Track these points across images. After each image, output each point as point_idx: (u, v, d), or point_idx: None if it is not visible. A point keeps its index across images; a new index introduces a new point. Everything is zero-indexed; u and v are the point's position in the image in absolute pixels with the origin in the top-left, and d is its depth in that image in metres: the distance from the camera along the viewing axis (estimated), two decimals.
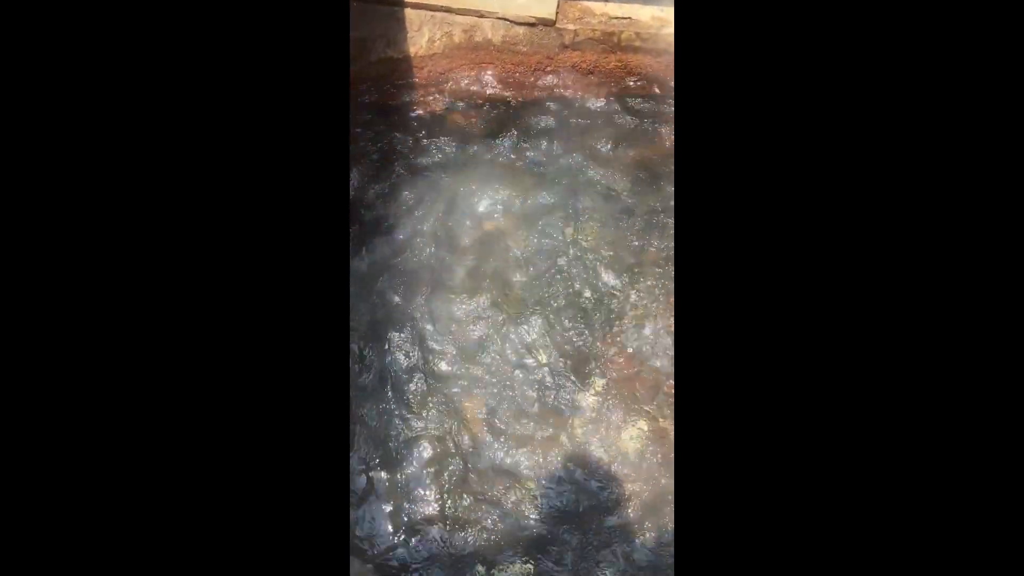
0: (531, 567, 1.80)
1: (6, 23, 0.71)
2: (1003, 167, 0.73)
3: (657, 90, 2.62)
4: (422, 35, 2.50)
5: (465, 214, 2.31)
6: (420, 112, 2.55)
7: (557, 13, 2.46)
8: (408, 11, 2.48)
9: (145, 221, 0.75)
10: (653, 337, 2.12)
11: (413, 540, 1.83)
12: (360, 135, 2.46)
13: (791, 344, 0.78)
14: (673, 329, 2.11)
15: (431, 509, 1.86)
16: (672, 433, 1.94)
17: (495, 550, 1.80)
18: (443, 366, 2.07)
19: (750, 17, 0.81)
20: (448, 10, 2.49)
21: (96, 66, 0.74)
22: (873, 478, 0.74)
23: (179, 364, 0.75)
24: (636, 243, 2.27)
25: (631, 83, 2.58)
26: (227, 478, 0.76)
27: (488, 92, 2.58)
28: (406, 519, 1.85)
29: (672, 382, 2.01)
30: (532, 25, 2.48)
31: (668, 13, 2.45)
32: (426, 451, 1.94)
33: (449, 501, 1.87)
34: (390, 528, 1.84)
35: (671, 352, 2.08)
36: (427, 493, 1.89)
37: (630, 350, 2.09)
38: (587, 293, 2.20)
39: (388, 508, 1.87)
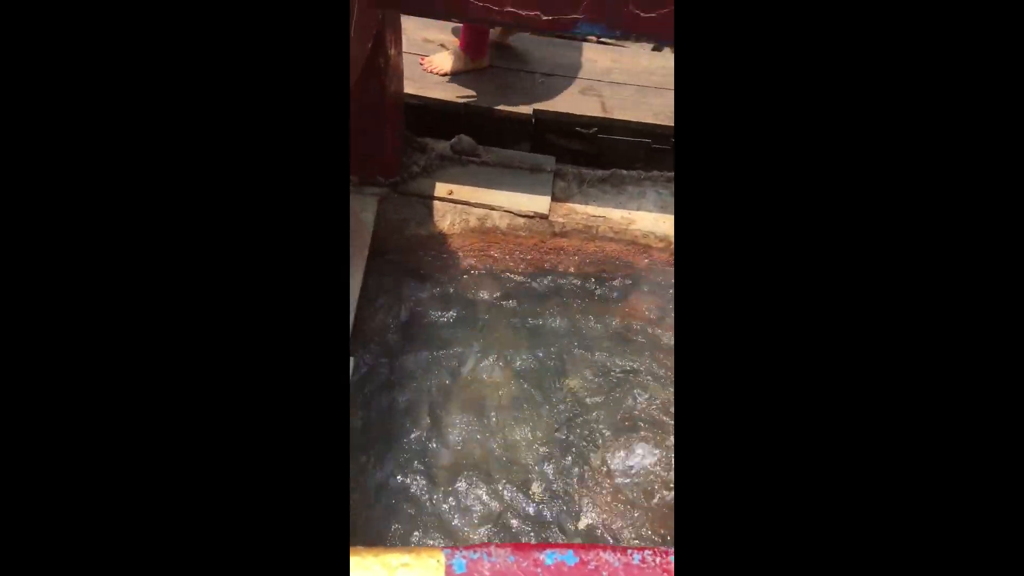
0: None
1: (6, 23, 0.68)
2: (1003, 172, 0.71)
3: (623, 272, 3.33)
4: (445, 220, 3.22)
5: (470, 361, 2.82)
6: (438, 274, 3.17)
7: (550, 210, 3.24)
8: (436, 203, 3.23)
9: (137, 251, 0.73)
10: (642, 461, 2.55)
11: None
12: (382, 284, 3.04)
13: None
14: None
15: None
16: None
17: None
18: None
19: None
20: (467, 203, 3.25)
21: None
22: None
23: (171, 365, 0.73)
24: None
25: (606, 263, 3.30)
26: (226, 479, 0.74)
27: (495, 265, 3.25)
28: None
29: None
30: (531, 217, 3.24)
31: (634, 215, 3.26)
32: None
33: None
34: None
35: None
36: None
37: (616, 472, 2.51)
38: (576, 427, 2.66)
39: None
